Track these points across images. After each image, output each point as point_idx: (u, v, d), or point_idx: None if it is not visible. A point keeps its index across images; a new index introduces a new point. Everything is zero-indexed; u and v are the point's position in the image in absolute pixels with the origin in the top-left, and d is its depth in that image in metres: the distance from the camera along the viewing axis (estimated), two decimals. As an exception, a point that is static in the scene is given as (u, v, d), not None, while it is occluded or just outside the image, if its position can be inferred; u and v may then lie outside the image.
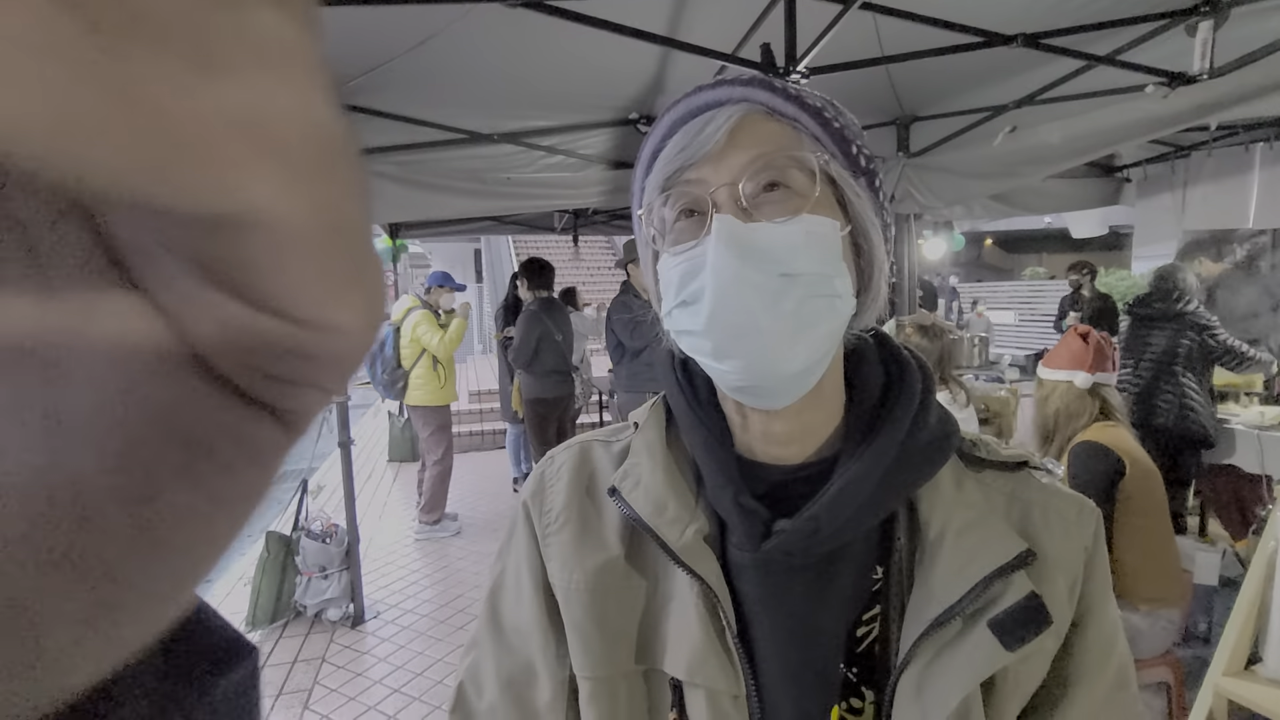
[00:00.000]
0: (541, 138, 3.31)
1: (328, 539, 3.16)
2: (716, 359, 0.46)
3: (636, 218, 0.52)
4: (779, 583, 0.48)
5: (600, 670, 0.50)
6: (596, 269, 12.73)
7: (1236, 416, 3.16)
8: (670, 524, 0.49)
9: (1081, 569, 0.49)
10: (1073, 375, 1.98)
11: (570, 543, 0.53)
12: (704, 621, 0.48)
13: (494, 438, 6.72)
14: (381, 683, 2.70)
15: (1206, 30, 2.15)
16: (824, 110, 0.47)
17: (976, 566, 0.45)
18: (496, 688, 0.56)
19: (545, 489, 0.56)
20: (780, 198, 0.46)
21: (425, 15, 2.21)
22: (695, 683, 0.48)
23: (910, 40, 2.29)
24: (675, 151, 0.47)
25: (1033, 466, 0.52)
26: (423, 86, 2.78)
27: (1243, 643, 1.25)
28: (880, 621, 0.49)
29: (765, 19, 2.12)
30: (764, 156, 0.45)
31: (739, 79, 0.48)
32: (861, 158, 0.48)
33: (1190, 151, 3.89)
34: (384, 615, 3.27)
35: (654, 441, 0.53)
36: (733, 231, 0.44)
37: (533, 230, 6.05)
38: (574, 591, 0.51)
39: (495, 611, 0.58)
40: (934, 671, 0.45)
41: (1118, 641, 0.50)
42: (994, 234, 20.02)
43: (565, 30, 2.06)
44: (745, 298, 0.43)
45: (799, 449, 0.50)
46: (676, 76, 2.85)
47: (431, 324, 4.14)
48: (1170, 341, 3.09)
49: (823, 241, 0.45)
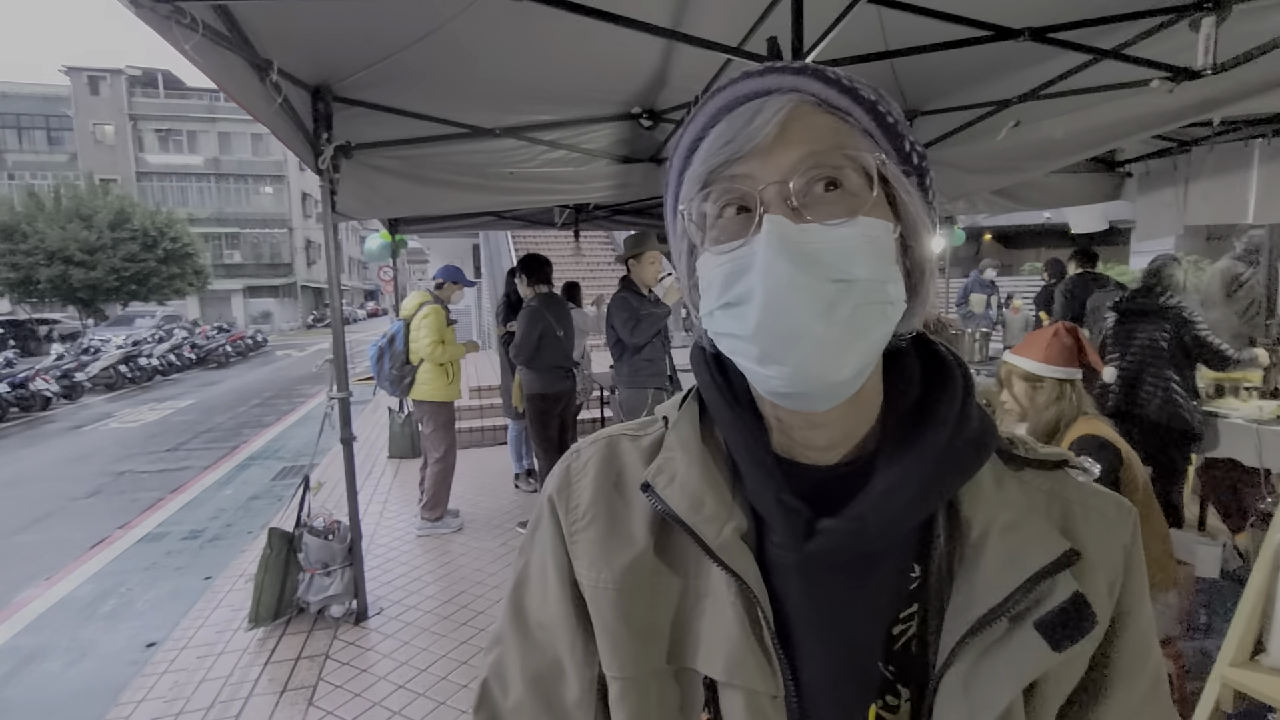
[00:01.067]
0: (544, 132, 3.30)
1: (330, 535, 3.15)
2: (762, 364, 0.44)
3: (672, 210, 0.50)
4: (819, 582, 0.48)
5: (630, 670, 0.49)
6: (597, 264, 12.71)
7: (1235, 411, 3.17)
8: (708, 521, 0.48)
9: (1122, 568, 0.48)
10: (1074, 372, 1.99)
11: (598, 540, 0.52)
12: (741, 621, 0.47)
13: (495, 434, 6.72)
14: (386, 679, 2.70)
15: (1210, 25, 2.15)
16: (879, 104, 0.45)
17: (1022, 567, 0.44)
18: (523, 685, 0.55)
19: (571, 484, 0.55)
20: (835, 198, 0.44)
21: (428, 10, 2.20)
22: (734, 684, 0.46)
23: (916, 34, 2.29)
24: (720, 143, 0.45)
25: (1071, 465, 0.51)
26: (425, 81, 2.76)
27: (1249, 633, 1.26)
28: (918, 620, 0.48)
29: (772, 11, 2.11)
30: (817, 154, 0.43)
31: (789, 66, 0.45)
32: (914, 154, 0.47)
33: (1192, 147, 3.89)
34: (387, 612, 3.27)
35: (689, 437, 0.52)
36: (785, 234, 0.42)
37: (532, 226, 6.03)
38: (602, 590, 0.50)
39: (520, 608, 0.57)
40: (980, 671, 0.44)
41: (1154, 641, 0.50)
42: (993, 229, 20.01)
43: (568, 24, 2.05)
44: (797, 304, 0.41)
45: (836, 450, 0.49)
46: (680, 71, 2.84)
47: (440, 322, 4.13)
48: (1152, 335, 3.12)
49: (878, 245, 0.44)
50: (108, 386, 13.27)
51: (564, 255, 9.29)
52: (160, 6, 1.47)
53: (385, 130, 3.02)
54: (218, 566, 4.13)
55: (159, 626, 3.41)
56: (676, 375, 4.05)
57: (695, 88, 2.83)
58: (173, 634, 3.15)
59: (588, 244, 13.72)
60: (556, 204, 4.89)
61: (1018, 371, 2.07)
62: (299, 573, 3.15)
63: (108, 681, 2.92)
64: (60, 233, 21.54)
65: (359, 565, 3.18)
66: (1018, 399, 2.09)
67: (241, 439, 8.32)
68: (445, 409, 4.26)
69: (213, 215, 32.89)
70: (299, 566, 3.14)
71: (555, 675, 0.54)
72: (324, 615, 3.17)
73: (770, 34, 1.98)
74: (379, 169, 3.09)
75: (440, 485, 4.31)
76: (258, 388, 13.17)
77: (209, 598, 3.52)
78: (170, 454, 7.68)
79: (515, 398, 4.55)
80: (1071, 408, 1.98)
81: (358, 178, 3.02)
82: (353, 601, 3.17)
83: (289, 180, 34.20)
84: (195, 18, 1.60)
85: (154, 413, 10.63)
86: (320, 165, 2.74)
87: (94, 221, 22.25)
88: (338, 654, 2.90)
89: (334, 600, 3.14)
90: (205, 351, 17.60)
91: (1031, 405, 2.06)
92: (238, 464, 7.08)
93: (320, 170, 2.76)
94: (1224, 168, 3.79)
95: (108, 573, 4.28)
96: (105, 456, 7.66)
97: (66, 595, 3.97)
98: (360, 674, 2.74)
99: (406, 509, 4.72)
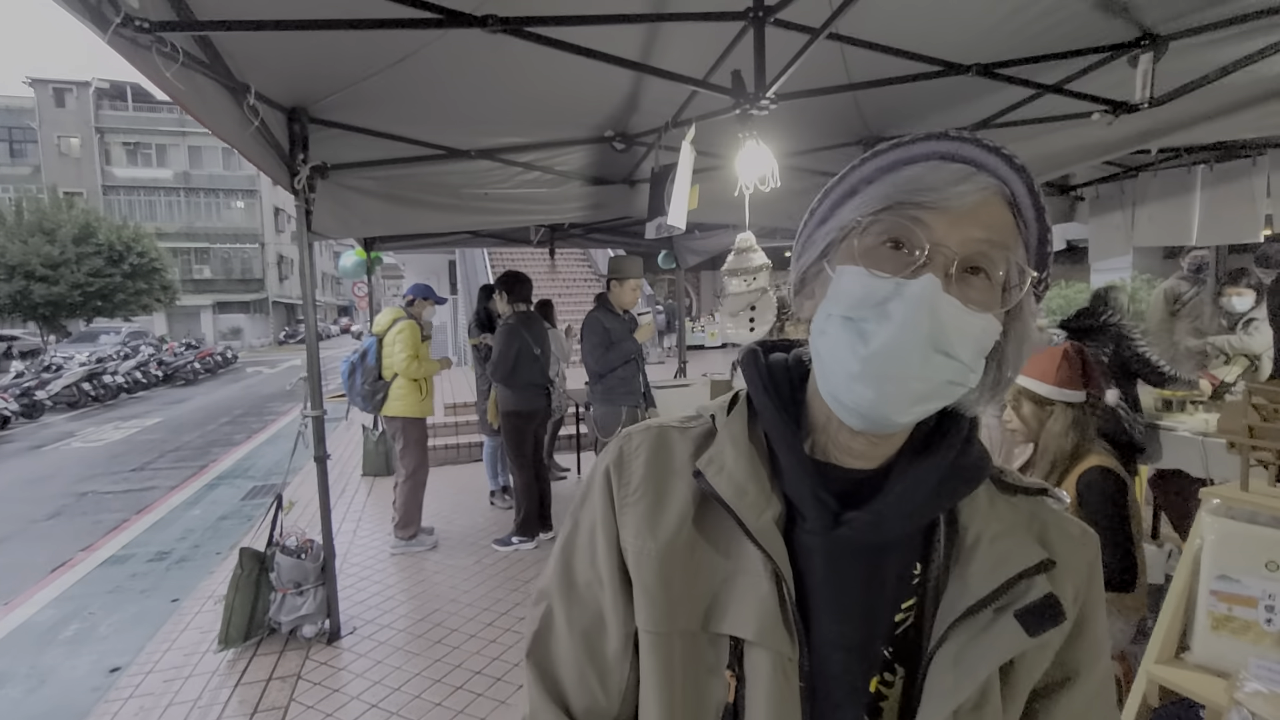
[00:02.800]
0: (519, 154, 3.36)
1: (303, 554, 3.13)
2: (854, 381, 0.50)
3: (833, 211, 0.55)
4: (839, 565, 0.56)
5: (661, 626, 0.57)
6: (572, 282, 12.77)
7: (1182, 424, 3.33)
8: (750, 507, 0.56)
9: (1086, 580, 0.59)
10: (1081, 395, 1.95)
11: (646, 513, 0.59)
12: (773, 594, 0.55)
13: (470, 450, 6.69)
14: (358, 698, 2.69)
15: (1147, 62, 2.30)
16: (1049, 233, 0.52)
17: (1007, 567, 0.54)
18: (569, 636, 0.62)
19: (626, 462, 0.62)
20: (981, 286, 0.50)
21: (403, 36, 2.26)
22: (764, 645, 0.54)
23: (875, 67, 2.40)
24: (920, 185, 0.50)
25: (1050, 495, 0.61)
26: (401, 103, 2.81)
27: (1173, 632, 1.35)
28: (916, 610, 0.57)
29: (735, 46, 2.21)
30: (992, 244, 0.49)
31: (1013, 159, 0.51)
32: (1045, 284, 0.54)
33: (1138, 173, 4.10)
34: (360, 631, 3.25)
35: (739, 434, 0.60)
36: (936, 300, 0.47)
37: (509, 243, 6.08)
38: (645, 556, 0.58)
39: (569, 567, 0.64)
40: (967, 651, 0.52)
41: (1107, 644, 0.61)
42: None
43: (542, 53, 2.12)
44: (913, 356, 0.48)
45: (867, 460, 0.57)
46: (651, 97, 2.93)
47: (414, 338, 4.15)
48: (1096, 351, 3.27)
49: (985, 341, 0.50)
50: (70, 405, 12.91)
51: (540, 272, 9.34)
52: (141, 37, 1.50)
53: (361, 151, 3.05)
54: (185, 588, 4.05)
55: (123, 651, 3.33)
56: (650, 393, 4.11)
57: (666, 113, 2.92)
58: (138, 658, 3.10)
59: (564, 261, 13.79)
60: (531, 223, 4.95)
61: (1027, 393, 2.02)
62: (270, 592, 3.12)
63: (70, 708, 2.86)
64: (21, 247, 20.95)
65: (332, 584, 3.16)
66: (1026, 421, 2.02)
67: (210, 458, 8.16)
68: (417, 425, 4.27)
69: (182, 230, 32.27)
70: (270, 586, 3.11)
71: (599, 629, 0.61)
72: (296, 635, 3.14)
73: (734, 67, 2.07)
74: (355, 189, 3.12)
75: (412, 502, 4.29)
76: (227, 405, 12.92)
77: (176, 620, 3.46)
78: (135, 474, 7.50)
79: (491, 414, 4.57)
80: (1090, 433, 1.94)
81: (334, 198, 3.05)
82: (325, 621, 3.15)
83: (261, 195, 33.73)
84: (176, 46, 1.64)
85: (119, 431, 10.36)
86: (296, 186, 2.77)
87: (57, 236, 21.69)
88: (310, 674, 2.87)
89: (306, 620, 3.11)
90: (173, 368, 17.20)
91: (1045, 430, 1.98)
92: (206, 483, 6.94)
93: (296, 191, 2.79)
94: (1168, 192, 4.00)
95: (69, 597, 4.17)
96: (67, 477, 7.45)
97: (26, 620, 3.86)
98: (332, 694, 2.73)
99: (380, 527, 4.68)
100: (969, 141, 0.51)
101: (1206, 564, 1.37)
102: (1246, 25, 2.11)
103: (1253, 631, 1.31)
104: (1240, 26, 2.11)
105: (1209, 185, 3.85)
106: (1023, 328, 0.54)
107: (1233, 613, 1.32)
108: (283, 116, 2.72)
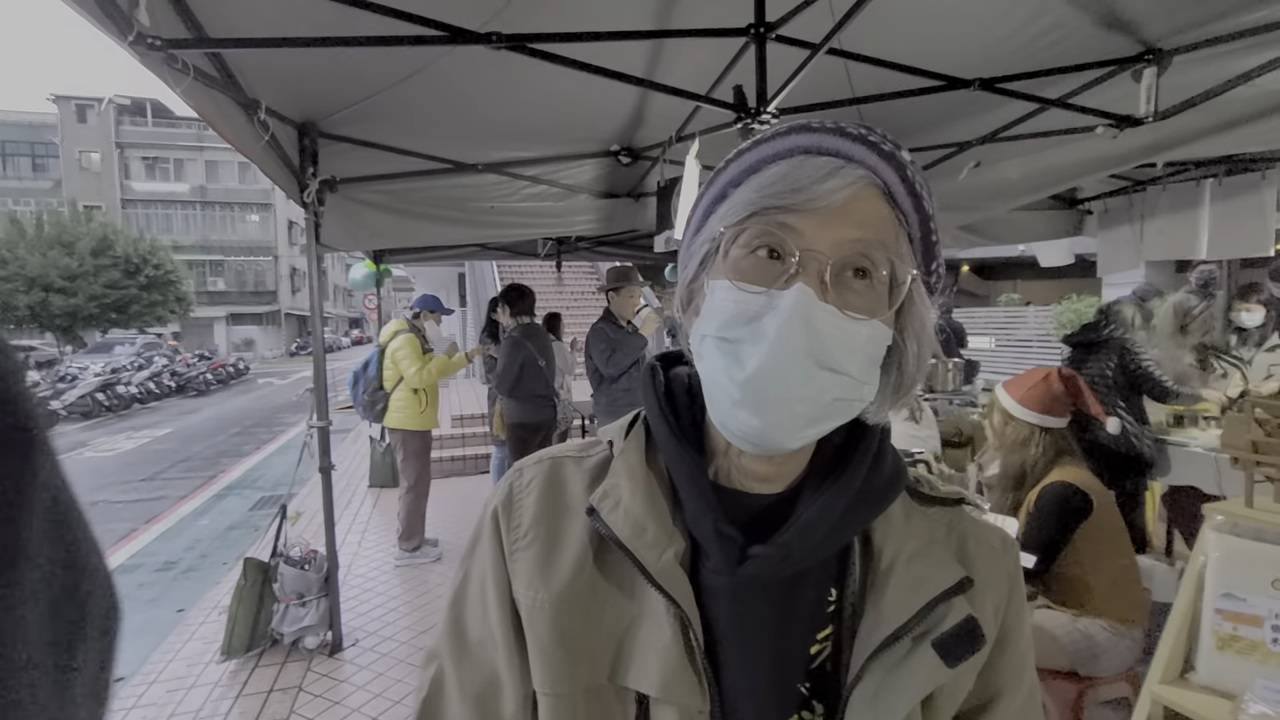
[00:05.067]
0: (525, 168, 3.40)
1: (306, 565, 3.14)
2: (737, 407, 0.46)
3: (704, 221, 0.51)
4: (748, 604, 0.51)
5: (561, 688, 0.51)
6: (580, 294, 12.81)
7: (1195, 440, 3.28)
8: (649, 547, 0.50)
9: (1006, 592, 0.55)
10: (1052, 421, 1.98)
11: (537, 560, 0.53)
12: (676, 641, 0.49)
13: (476, 462, 6.70)
14: (359, 711, 2.68)
15: (1150, 76, 2.30)
16: (931, 220, 0.47)
17: (923, 592, 0.49)
18: (461, 701, 0.57)
19: (514, 503, 0.56)
20: (862, 290, 0.45)
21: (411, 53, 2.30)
22: (667, 700, 0.49)
23: (879, 81, 2.42)
24: (785, 185, 0.45)
25: (967, 503, 0.57)
26: (409, 118, 2.86)
27: (1177, 652, 1.32)
28: (833, 640, 0.52)
29: (738, 62, 2.23)
30: (868, 243, 0.45)
31: (880, 144, 0.46)
32: (936, 275, 0.50)
33: (1146, 186, 4.08)
34: (363, 643, 3.25)
35: (635, 465, 0.54)
36: (810, 311, 0.43)
37: (517, 256, 6.12)
38: (538, 609, 0.52)
39: (459, 623, 0.58)
40: (886, 686, 0.48)
41: (1031, 658, 0.57)
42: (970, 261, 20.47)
43: (547, 69, 2.15)
44: (793, 375, 0.44)
45: (772, 483, 0.53)
46: (656, 112, 2.96)
47: (415, 350, 4.17)
48: (1101, 365, 3.26)
49: (874, 350, 0.47)
50: (84, 415, 13.07)
51: (547, 285, 9.38)
52: (154, 54, 1.54)
53: (370, 165, 3.10)
54: (191, 598, 4.07)
55: (128, 661, 3.34)
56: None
57: (671, 127, 2.95)
58: (142, 668, 3.10)
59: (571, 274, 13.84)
60: (538, 237, 4.98)
61: (997, 404, 2.08)
62: (274, 603, 3.12)
63: (73, 717, 2.87)
64: (41, 259, 21.36)
65: (335, 596, 3.16)
66: (994, 429, 2.09)
67: (220, 468, 8.22)
68: (418, 437, 4.28)
69: (197, 243, 32.78)
70: (274, 597, 3.12)
71: (493, 691, 0.56)
72: (298, 647, 3.14)
73: (737, 82, 2.09)
74: (364, 202, 3.17)
75: (414, 514, 4.30)
76: (238, 416, 13.02)
77: (181, 630, 3.47)
78: (146, 484, 7.57)
79: (497, 426, 4.58)
80: (1039, 457, 1.96)
81: (343, 211, 3.09)
82: (327, 633, 3.15)
83: (275, 208, 34.23)
84: (186, 63, 1.68)
85: (131, 441, 10.47)
86: (305, 199, 2.81)
87: (76, 248, 22.10)
88: (311, 686, 2.87)
89: (309, 631, 3.11)
90: (185, 379, 17.40)
91: (1002, 441, 2.05)
92: (215, 494, 6.99)
93: (305, 204, 2.83)
94: (1177, 206, 3.97)
95: (77, 605, 4.20)
96: (79, 486, 7.45)
97: (33, 629, 3.89)
98: (333, 706, 2.72)
99: (385, 538, 4.69)
100: (831, 131, 0.46)
101: (1211, 582, 1.34)
102: (1250, 40, 2.10)
103: (1259, 652, 1.28)
104: (1244, 41, 2.11)
105: (1218, 199, 3.82)
106: (919, 325, 0.49)
107: (1238, 632, 1.29)
108: (294, 131, 2.77)
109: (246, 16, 1.95)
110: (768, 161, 0.48)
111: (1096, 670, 1.84)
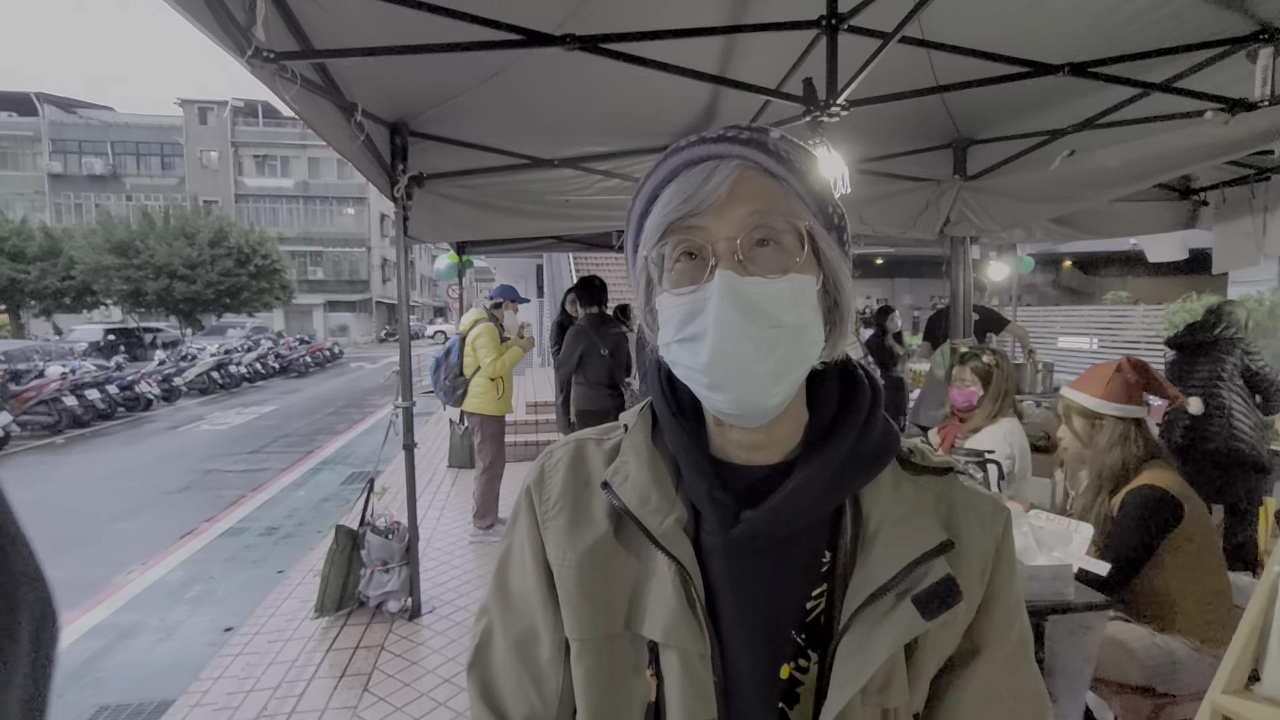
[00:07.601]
0: (599, 162, 3.48)
1: (390, 535, 3.38)
2: (710, 390, 0.54)
3: (632, 253, 0.60)
4: (743, 562, 0.58)
5: (586, 634, 0.60)
6: (653, 286, 12.88)
7: (1315, 451, 3.00)
8: (653, 513, 0.58)
9: (992, 556, 0.59)
10: (1138, 410, 1.88)
11: (564, 527, 0.62)
12: (679, 594, 0.56)
13: (548, 448, 6.91)
14: (434, 672, 2.87)
15: (1267, 57, 2.12)
16: (809, 174, 0.54)
17: (906, 553, 0.55)
18: (506, 647, 0.66)
19: (545, 480, 0.65)
20: (772, 253, 0.52)
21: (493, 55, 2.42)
22: (670, 644, 0.57)
23: (960, 68, 2.34)
24: (679, 199, 0.53)
25: (958, 471, 0.61)
26: (490, 116, 3.00)
27: (1244, 662, 1.24)
28: (826, 597, 0.58)
29: (809, 55, 2.22)
30: (760, 213, 0.52)
31: (738, 136, 0.53)
32: (835, 216, 0.56)
33: (1271, 176, 3.72)
34: (439, 610, 3.46)
35: (641, 443, 0.62)
36: (734, 287, 0.51)
37: (591, 248, 6.26)
38: (566, 568, 0.61)
39: (504, 583, 0.68)
40: (870, 637, 0.54)
41: (1018, 617, 0.61)
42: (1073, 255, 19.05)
43: (620, 66, 2.21)
44: (742, 346, 0.51)
45: (768, 454, 0.59)
46: (729, 105, 2.97)
47: (493, 339, 4.37)
48: (1214, 366, 3.05)
49: (804, 297, 0.53)
50: (201, 391, 14.38)
51: (620, 276, 9.51)
52: (267, 65, 1.71)
53: (454, 161, 3.27)
54: (289, 561, 4.45)
55: (236, 613, 3.71)
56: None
57: (741, 120, 2.94)
58: (248, 620, 3.44)
59: (647, 266, 13.90)
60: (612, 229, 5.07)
61: (1075, 407, 1.97)
62: (361, 568, 3.38)
63: (190, 660, 3.21)
64: (167, 249, 23.61)
65: (415, 565, 3.39)
66: (1078, 435, 1.98)
67: (316, 444, 8.86)
68: (494, 421, 4.49)
69: (299, 234, 35.19)
70: (361, 562, 3.37)
71: (532, 638, 0.65)
72: (381, 610, 3.39)
73: (807, 75, 2.08)
74: (448, 196, 3.35)
75: (489, 494, 4.51)
76: (332, 397, 13.95)
77: (280, 589, 3.81)
78: (252, 455, 8.26)
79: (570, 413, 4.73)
80: (1138, 450, 1.87)
81: (428, 204, 3.28)
82: (408, 599, 3.38)
83: (369, 202, 36.23)
84: (295, 72, 1.85)
85: (240, 417, 11.44)
86: (395, 194, 3.01)
87: (196, 239, 24.29)
88: (392, 646, 3.09)
89: (391, 596, 3.35)
90: (287, 361, 18.77)
91: (1093, 445, 1.95)
92: (311, 467, 7.55)
93: (395, 198, 3.03)
94: (1305, 197, 3.60)
95: (194, 561, 4.68)
96: (196, 455, 8.31)
97: (158, 580, 4.36)
98: (411, 665, 2.93)
99: (462, 516, 4.94)
100: (697, 143, 0.54)
101: (1294, 596, 1.25)
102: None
103: (1346, 672, 1.19)
104: (1381, 14, 1.91)
105: (1355, 189, 3.44)
106: (834, 265, 0.55)
107: (1318, 648, 1.20)
108: (386, 130, 2.97)
109: (348, 28, 2.12)
110: (661, 186, 0.56)
111: (1176, 687, 1.74)
